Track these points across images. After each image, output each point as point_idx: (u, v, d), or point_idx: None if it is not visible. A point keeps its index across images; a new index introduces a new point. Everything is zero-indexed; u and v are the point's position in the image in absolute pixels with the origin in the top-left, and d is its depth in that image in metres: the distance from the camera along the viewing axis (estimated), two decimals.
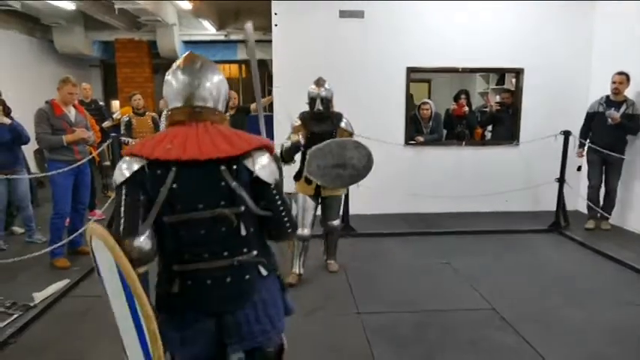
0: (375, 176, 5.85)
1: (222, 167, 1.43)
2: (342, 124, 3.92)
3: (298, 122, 3.86)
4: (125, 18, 8.28)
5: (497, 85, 8.46)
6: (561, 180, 5.46)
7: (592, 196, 5.44)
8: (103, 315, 3.36)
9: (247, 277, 1.53)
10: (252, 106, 6.13)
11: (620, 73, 5.10)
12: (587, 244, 4.93)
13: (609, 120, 5.10)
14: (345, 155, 3.63)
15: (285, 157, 3.72)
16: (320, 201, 3.97)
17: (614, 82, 5.13)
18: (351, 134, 3.94)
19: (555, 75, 6.11)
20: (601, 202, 5.41)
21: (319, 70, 5.97)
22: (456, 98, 6.90)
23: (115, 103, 10.37)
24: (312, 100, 3.81)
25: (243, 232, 1.50)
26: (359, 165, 3.70)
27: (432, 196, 5.88)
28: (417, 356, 2.91)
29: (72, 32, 8.66)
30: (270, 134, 6.07)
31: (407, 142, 6.22)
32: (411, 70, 6.07)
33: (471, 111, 6.99)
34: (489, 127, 7.15)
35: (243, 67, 12.06)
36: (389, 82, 6.06)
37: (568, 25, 6.08)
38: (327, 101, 3.81)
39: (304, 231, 3.83)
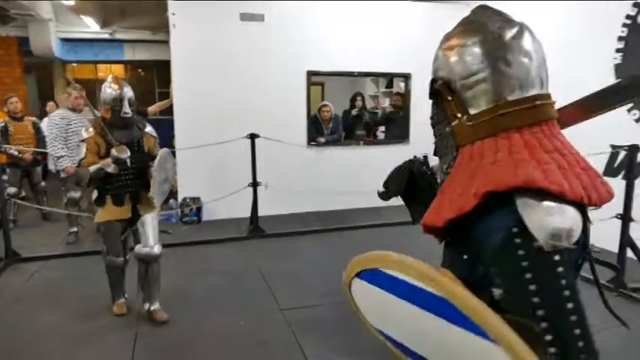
0: (279, 177, 5.99)
1: None
2: (148, 130, 3.37)
3: (91, 132, 3.13)
4: None
5: (386, 88, 9.09)
6: None
7: None
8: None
9: None
10: (150, 108, 5.85)
11: None
12: None
13: None
14: (167, 168, 3.28)
15: (95, 182, 3.15)
16: (136, 223, 3.33)
17: None
18: (156, 139, 3.44)
19: None
20: None
21: (220, 72, 5.96)
22: (353, 100, 7.32)
23: None
24: (115, 102, 3.13)
25: None
26: (171, 174, 3.43)
27: (336, 193, 6.15)
28: (342, 344, 3.08)
29: None
30: (168, 140, 5.86)
31: (309, 143, 6.43)
32: (311, 74, 6.28)
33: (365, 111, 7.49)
34: (382, 128, 7.69)
35: (129, 67, 11.41)
36: (290, 85, 6.22)
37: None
38: (133, 102, 3.22)
39: (120, 259, 3.34)
